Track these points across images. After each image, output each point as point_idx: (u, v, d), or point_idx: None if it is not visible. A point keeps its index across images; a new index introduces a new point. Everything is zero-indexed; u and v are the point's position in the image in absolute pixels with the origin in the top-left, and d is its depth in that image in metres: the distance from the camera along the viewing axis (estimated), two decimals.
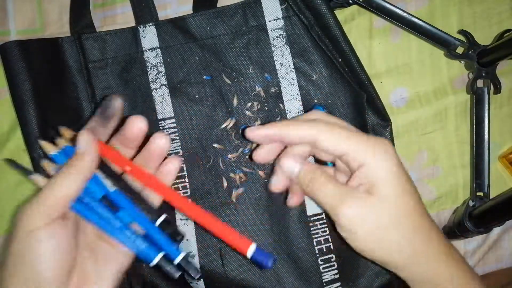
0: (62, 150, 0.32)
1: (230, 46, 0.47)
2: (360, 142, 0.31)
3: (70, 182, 0.30)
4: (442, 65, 0.51)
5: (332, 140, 0.32)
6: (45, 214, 0.29)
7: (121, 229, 0.32)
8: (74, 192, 0.30)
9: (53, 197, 0.29)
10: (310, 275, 0.46)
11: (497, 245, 0.50)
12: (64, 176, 0.30)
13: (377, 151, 0.31)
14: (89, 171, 0.31)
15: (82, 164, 0.30)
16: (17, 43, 0.44)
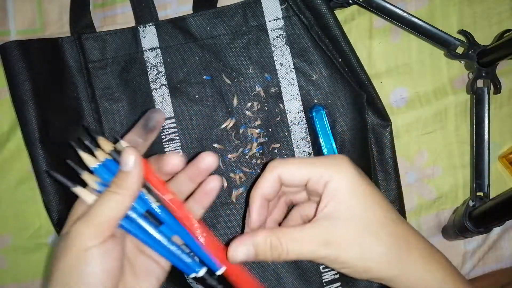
0: (103, 163, 0.31)
1: (230, 46, 0.47)
2: (319, 163, 0.32)
3: (120, 202, 0.30)
4: (442, 65, 0.51)
5: (293, 169, 0.32)
6: (98, 233, 0.29)
7: (166, 243, 0.32)
8: (123, 211, 0.30)
9: (105, 216, 0.29)
10: (310, 275, 0.46)
11: (497, 245, 0.50)
12: (112, 196, 0.30)
13: (336, 170, 0.31)
14: (137, 190, 0.30)
15: (130, 184, 0.30)
16: (17, 43, 0.44)
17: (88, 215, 0.29)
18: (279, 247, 0.31)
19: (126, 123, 0.47)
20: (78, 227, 0.29)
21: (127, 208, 0.30)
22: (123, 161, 0.30)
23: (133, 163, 0.30)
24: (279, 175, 0.33)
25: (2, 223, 0.50)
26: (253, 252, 0.31)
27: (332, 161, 0.32)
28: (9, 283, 0.50)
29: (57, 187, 0.44)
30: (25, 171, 0.50)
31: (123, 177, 0.30)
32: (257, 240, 0.31)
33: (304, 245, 0.31)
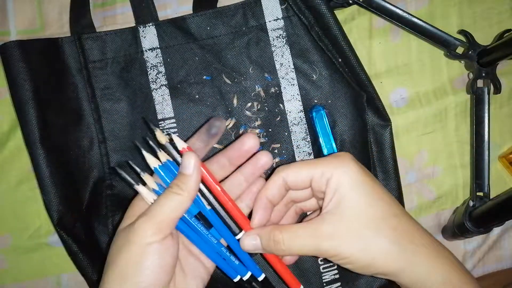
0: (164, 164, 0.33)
1: (230, 46, 0.47)
2: (320, 163, 0.33)
3: (180, 202, 0.31)
4: (442, 65, 0.51)
5: (295, 171, 0.34)
6: (159, 230, 0.30)
7: (217, 246, 0.34)
8: (183, 211, 0.32)
9: (166, 215, 0.31)
10: (310, 275, 0.46)
11: (497, 245, 0.50)
12: (175, 196, 0.31)
13: (338, 166, 0.32)
14: (195, 192, 0.32)
15: (190, 186, 0.31)
16: (17, 43, 0.44)
17: (151, 212, 0.31)
18: (280, 241, 0.32)
19: (126, 123, 0.47)
20: (142, 223, 0.30)
21: (186, 208, 0.32)
22: (184, 164, 0.32)
23: (193, 167, 0.32)
24: (283, 178, 0.34)
25: (2, 223, 0.50)
26: (259, 244, 0.33)
27: (333, 158, 0.33)
28: (9, 283, 0.50)
29: (57, 187, 0.44)
30: (25, 171, 0.50)
31: (184, 179, 0.32)
32: (262, 233, 0.33)
33: (307, 239, 0.32)
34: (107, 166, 0.47)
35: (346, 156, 0.33)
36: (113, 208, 0.47)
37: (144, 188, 0.33)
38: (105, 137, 0.47)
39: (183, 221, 0.33)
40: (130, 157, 0.47)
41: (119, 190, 0.47)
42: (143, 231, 0.30)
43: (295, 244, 0.32)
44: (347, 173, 0.32)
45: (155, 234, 0.30)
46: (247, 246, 0.34)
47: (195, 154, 0.32)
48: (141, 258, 0.30)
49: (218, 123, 0.37)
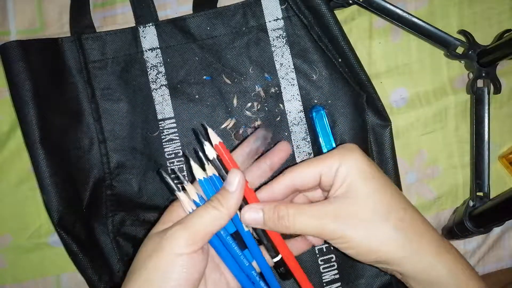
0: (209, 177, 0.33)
1: (230, 46, 0.47)
2: (327, 156, 0.33)
3: (218, 218, 0.31)
4: (442, 65, 0.51)
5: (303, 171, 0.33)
6: (192, 242, 0.30)
7: (248, 268, 0.34)
8: (219, 227, 0.32)
9: (202, 228, 0.31)
10: (310, 275, 0.46)
11: (497, 245, 0.50)
12: (213, 211, 0.31)
13: (345, 155, 0.32)
14: (234, 211, 0.32)
15: (231, 204, 0.31)
16: (17, 43, 0.44)
17: (186, 222, 0.31)
18: (286, 217, 0.32)
19: (126, 123, 0.47)
20: (176, 231, 0.30)
21: (223, 225, 0.32)
22: (229, 181, 0.32)
23: (237, 183, 0.31)
24: (291, 181, 0.33)
25: (2, 223, 0.50)
26: (261, 218, 0.32)
27: (341, 150, 0.33)
28: (9, 283, 0.50)
29: (57, 187, 0.44)
30: (25, 171, 0.50)
31: (226, 195, 0.31)
32: (266, 208, 0.32)
33: (312, 218, 0.31)
34: (107, 166, 0.47)
35: (353, 146, 0.33)
36: (113, 208, 0.47)
37: (185, 196, 0.33)
38: (105, 137, 0.47)
39: (217, 236, 0.33)
40: (130, 157, 0.47)
41: (119, 190, 0.47)
42: (176, 240, 0.30)
43: (299, 221, 0.31)
44: (356, 162, 0.32)
45: (188, 245, 0.30)
46: (248, 219, 0.32)
47: (241, 172, 0.32)
48: (169, 268, 0.30)
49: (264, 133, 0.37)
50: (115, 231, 0.46)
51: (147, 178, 0.47)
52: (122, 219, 0.47)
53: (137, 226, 0.47)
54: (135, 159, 0.47)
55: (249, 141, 0.36)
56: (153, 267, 0.30)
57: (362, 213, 0.31)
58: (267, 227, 0.33)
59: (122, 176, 0.47)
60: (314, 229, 0.31)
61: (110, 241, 0.46)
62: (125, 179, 0.47)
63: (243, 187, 0.32)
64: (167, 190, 0.47)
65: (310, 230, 0.32)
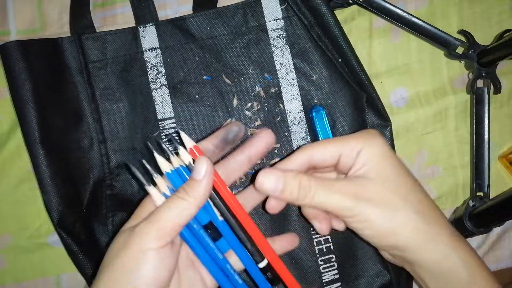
0: (176, 169, 0.32)
1: (230, 46, 0.47)
2: (350, 138, 0.32)
3: (186, 209, 0.30)
4: (442, 65, 0.51)
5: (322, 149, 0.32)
6: (159, 236, 0.29)
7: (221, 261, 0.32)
8: (188, 218, 0.30)
9: (169, 220, 0.29)
10: (310, 275, 0.46)
11: (497, 245, 0.50)
12: (180, 202, 0.30)
13: (368, 139, 0.32)
14: (204, 199, 0.30)
15: (198, 192, 0.30)
16: (17, 43, 0.44)
17: (153, 216, 0.30)
18: (307, 187, 0.31)
19: (126, 123, 0.47)
20: (143, 226, 0.29)
21: (192, 215, 0.30)
22: (196, 169, 0.30)
23: (204, 171, 0.30)
24: (309, 156, 0.32)
25: (2, 223, 0.50)
26: (281, 185, 0.31)
27: (364, 134, 0.33)
28: (9, 283, 0.50)
29: (57, 187, 0.44)
30: (25, 171, 0.50)
31: (193, 184, 0.30)
32: (288, 175, 0.31)
33: (333, 193, 0.31)
34: (107, 166, 0.47)
35: (375, 131, 0.33)
36: (113, 208, 0.47)
37: (155, 190, 0.31)
38: (105, 137, 0.47)
39: (189, 229, 0.31)
40: (130, 157, 0.47)
41: (119, 190, 0.47)
42: (143, 235, 0.29)
43: (320, 194, 0.31)
44: (378, 146, 0.32)
45: (155, 239, 0.29)
46: (266, 185, 0.31)
47: (209, 160, 0.31)
48: (136, 265, 0.29)
49: (236, 129, 0.34)
50: (115, 231, 0.46)
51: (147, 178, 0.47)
52: (122, 219, 0.47)
53: None
54: (135, 159, 0.47)
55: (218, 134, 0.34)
56: (120, 265, 0.29)
57: (383, 194, 0.31)
58: (283, 196, 0.31)
59: (122, 176, 0.47)
60: (333, 204, 0.31)
61: (110, 241, 0.46)
62: (125, 179, 0.47)
63: (210, 174, 0.30)
64: None
65: (329, 205, 0.31)
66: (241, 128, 0.35)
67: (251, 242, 0.33)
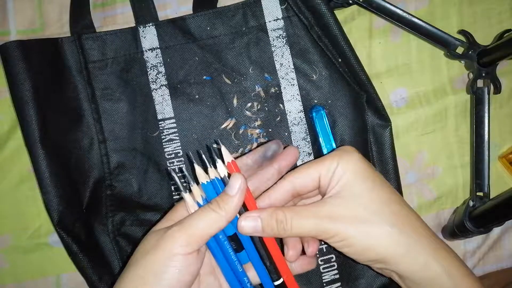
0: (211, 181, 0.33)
1: (230, 46, 0.47)
2: (326, 158, 0.33)
3: (216, 221, 0.31)
4: (442, 65, 0.51)
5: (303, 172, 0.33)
6: (188, 243, 0.30)
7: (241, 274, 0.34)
8: (216, 230, 0.32)
9: (199, 230, 0.31)
10: (310, 275, 0.46)
11: (497, 245, 0.50)
12: (212, 214, 0.31)
13: (342, 156, 0.33)
14: (234, 214, 0.32)
15: (230, 207, 0.31)
16: (17, 43, 0.44)
17: (185, 223, 0.31)
18: (283, 221, 0.32)
19: (126, 123, 0.47)
20: (174, 232, 0.31)
21: (221, 228, 0.32)
22: (230, 185, 0.32)
23: (237, 188, 0.31)
24: (291, 184, 0.34)
25: (2, 223, 0.50)
26: (260, 225, 0.32)
27: (338, 152, 0.33)
28: (9, 283, 0.50)
29: (57, 187, 0.44)
30: (25, 171, 0.50)
31: (226, 199, 0.31)
32: (264, 215, 0.33)
33: (308, 219, 0.32)
34: (107, 166, 0.47)
35: (349, 148, 0.34)
36: (113, 208, 0.47)
37: (190, 198, 0.33)
38: (105, 137, 0.47)
39: (214, 239, 0.33)
40: (130, 157, 0.47)
41: (119, 190, 0.47)
42: (173, 240, 0.30)
43: (297, 223, 0.32)
44: (351, 161, 0.32)
45: (183, 246, 0.30)
46: (246, 228, 0.33)
47: (243, 178, 0.32)
48: (163, 267, 0.30)
49: (275, 147, 0.36)
50: (115, 231, 0.46)
51: (147, 178, 0.47)
52: (122, 219, 0.47)
53: (137, 226, 0.47)
54: (135, 159, 0.47)
55: (258, 151, 0.36)
56: (148, 264, 0.30)
57: (356, 211, 0.31)
58: (265, 234, 0.33)
59: (122, 176, 0.47)
60: (311, 230, 0.32)
61: (110, 241, 0.46)
62: (125, 179, 0.47)
63: (243, 191, 0.32)
64: (166, 191, 0.47)
65: (307, 232, 0.32)
66: (280, 146, 0.37)
67: (270, 259, 0.34)
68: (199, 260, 0.32)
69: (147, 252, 0.31)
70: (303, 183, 0.34)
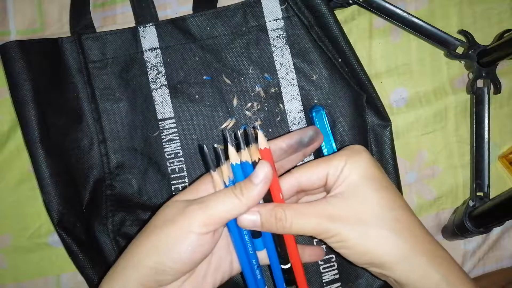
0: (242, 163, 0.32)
1: (230, 46, 0.47)
2: (334, 157, 0.33)
3: (237, 207, 0.31)
4: (442, 65, 0.51)
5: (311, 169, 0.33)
6: (205, 224, 0.30)
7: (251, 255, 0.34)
8: (236, 216, 0.32)
9: (219, 213, 0.31)
10: (310, 275, 0.46)
11: (497, 245, 0.50)
12: (233, 199, 0.31)
13: (350, 156, 0.32)
14: (255, 203, 0.32)
15: (252, 195, 0.31)
16: (17, 43, 0.44)
17: (206, 202, 0.31)
18: (283, 218, 0.32)
19: (126, 123, 0.47)
20: (194, 210, 0.31)
21: (241, 214, 0.32)
22: (256, 173, 0.31)
23: (262, 178, 0.31)
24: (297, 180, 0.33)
25: (2, 223, 0.50)
26: (259, 221, 0.32)
27: (346, 150, 0.33)
28: (9, 283, 0.50)
29: (57, 187, 0.44)
30: (25, 171, 0.50)
31: (249, 186, 0.31)
32: (263, 210, 0.32)
33: (309, 218, 0.31)
34: (107, 166, 0.47)
35: (359, 147, 0.33)
36: (113, 208, 0.47)
37: (218, 177, 0.32)
38: (105, 137, 0.47)
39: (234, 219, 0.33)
40: (130, 157, 0.47)
41: (119, 190, 0.47)
42: (191, 218, 0.30)
43: (296, 221, 0.31)
44: (359, 162, 0.32)
45: (201, 226, 0.30)
46: (245, 222, 0.32)
47: (269, 166, 0.31)
48: (178, 243, 0.30)
49: (312, 133, 0.35)
50: (115, 231, 0.46)
51: (147, 178, 0.47)
52: (122, 219, 0.47)
53: (137, 226, 0.47)
54: (135, 159, 0.47)
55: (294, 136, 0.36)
56: (163, 235, 0.30)
57: (358, 213, 0.31)
58: (264, 229, 0.33)
59: (122, 176, 0.47)
60: (310, 229, 0.31)
61: (110, 241, 0.46)
62: (125, 179, 0.47)
63: (268, 181, 0.31)
64: (166, 191, 0.47)
65: (307, 230, 0.32)
66: (318, 133, 0.36)
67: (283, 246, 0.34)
68: (213, 241, 0.32)
69: (164, 223, 0.31)
70: (310, 181, 0.33)
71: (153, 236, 0.31)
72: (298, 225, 0.32)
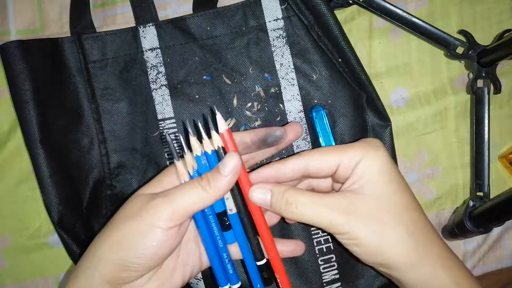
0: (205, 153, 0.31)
1: (230, 46, 0.47)
2: (350, 147, 0.31)
3: (203, 199, 0.30)
4: (442, 65, 0.51)
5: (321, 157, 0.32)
6: (171, 218, 0.29)
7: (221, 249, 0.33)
8: (201, 208, 0.30)
9: (185, 206, 0.30)
10: (310, 275, 0.46)
11: (497, 245, 0.50)
12: (199, 191, 0.30)
13: (369, 150, 0.31)
14: (223, 194, 0.31)
15: (220, 187, 0.30)
16: (17, 43, 0.44)
17: (171, 195, 0.30)
18: (294, 204, 0.30)
19: (126, 123, 0.47)
20: (158, 203, 0.30)
21: (206, 206, 0.30)
22: (224, 164, 0.30)
23: (231, 169, 0.30)
24: (306, 164, 0.32)
25: (2, 223, 0.50)
26: (268, 200, 0.31)
27: (365, 144, 0.32)
28: (9, 283, 0.50)
29: (57, 187, 0.44)
30: (25, 171, 0.50)
31: (217, 177, 0.30)
32: (275, 190, 0.31)
33: (322, 209, 0.30)
34: (107, 166, 0.47)
35: (377, 142, 0.32)
36: (113, 208, 0.47)
37: (182, 166, 0.31)
38: (105, 137, 0.47)
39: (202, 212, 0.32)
40: (130, 157, 0.47)
41: (119, 190, 0.47)
42: (155, 212, 0.29)
43: (307, 210, 0.30)
44: (378, 158, 0.31)
45: (165, 220, 0.29)
46: (256, 198, 0.31)
47: (238, 157, 0.30)
48: (142, 238, 0.29)
49: (279, 134, 0.35)
50: None
51: (147, 178, 0.47)
52: None
53: None
54: (135, 159, 0.47)
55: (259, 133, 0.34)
56: (127, 231, 0.30)
57: (376, 212, 0.30)
58: (273, 209, 0.31)
59: (122, 176, 0.47)
60: (322, 221, 0.30)
61: None
62: (125, 179, 0.47)
63: (237, 172, 0.30)
64: None
65: (318, 222, 0.30)
66: (284, 135, 0.35)
67: (257, 240, 0.33)
68: (180, 235, 0.31)
69: (128, 218, 0.30)
70: (319, 167, 0.32)
71: (116, 231, 0.30)
72: (309, 215, 0.30)
